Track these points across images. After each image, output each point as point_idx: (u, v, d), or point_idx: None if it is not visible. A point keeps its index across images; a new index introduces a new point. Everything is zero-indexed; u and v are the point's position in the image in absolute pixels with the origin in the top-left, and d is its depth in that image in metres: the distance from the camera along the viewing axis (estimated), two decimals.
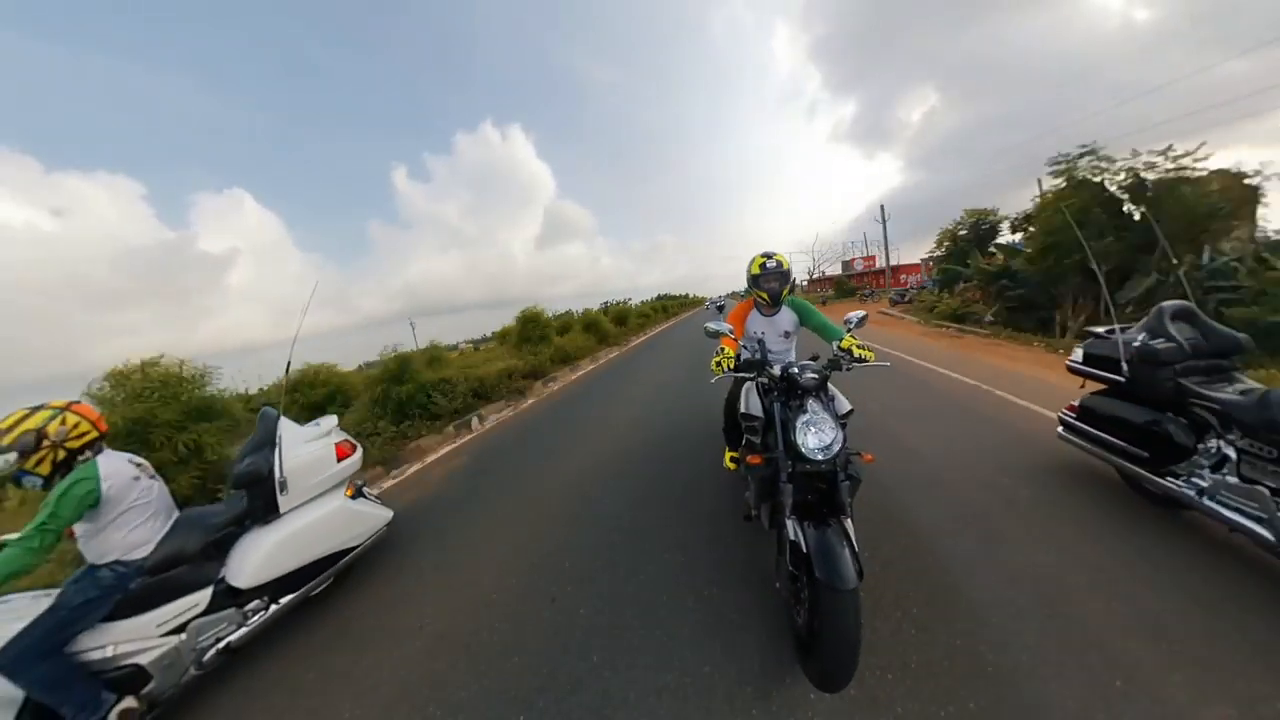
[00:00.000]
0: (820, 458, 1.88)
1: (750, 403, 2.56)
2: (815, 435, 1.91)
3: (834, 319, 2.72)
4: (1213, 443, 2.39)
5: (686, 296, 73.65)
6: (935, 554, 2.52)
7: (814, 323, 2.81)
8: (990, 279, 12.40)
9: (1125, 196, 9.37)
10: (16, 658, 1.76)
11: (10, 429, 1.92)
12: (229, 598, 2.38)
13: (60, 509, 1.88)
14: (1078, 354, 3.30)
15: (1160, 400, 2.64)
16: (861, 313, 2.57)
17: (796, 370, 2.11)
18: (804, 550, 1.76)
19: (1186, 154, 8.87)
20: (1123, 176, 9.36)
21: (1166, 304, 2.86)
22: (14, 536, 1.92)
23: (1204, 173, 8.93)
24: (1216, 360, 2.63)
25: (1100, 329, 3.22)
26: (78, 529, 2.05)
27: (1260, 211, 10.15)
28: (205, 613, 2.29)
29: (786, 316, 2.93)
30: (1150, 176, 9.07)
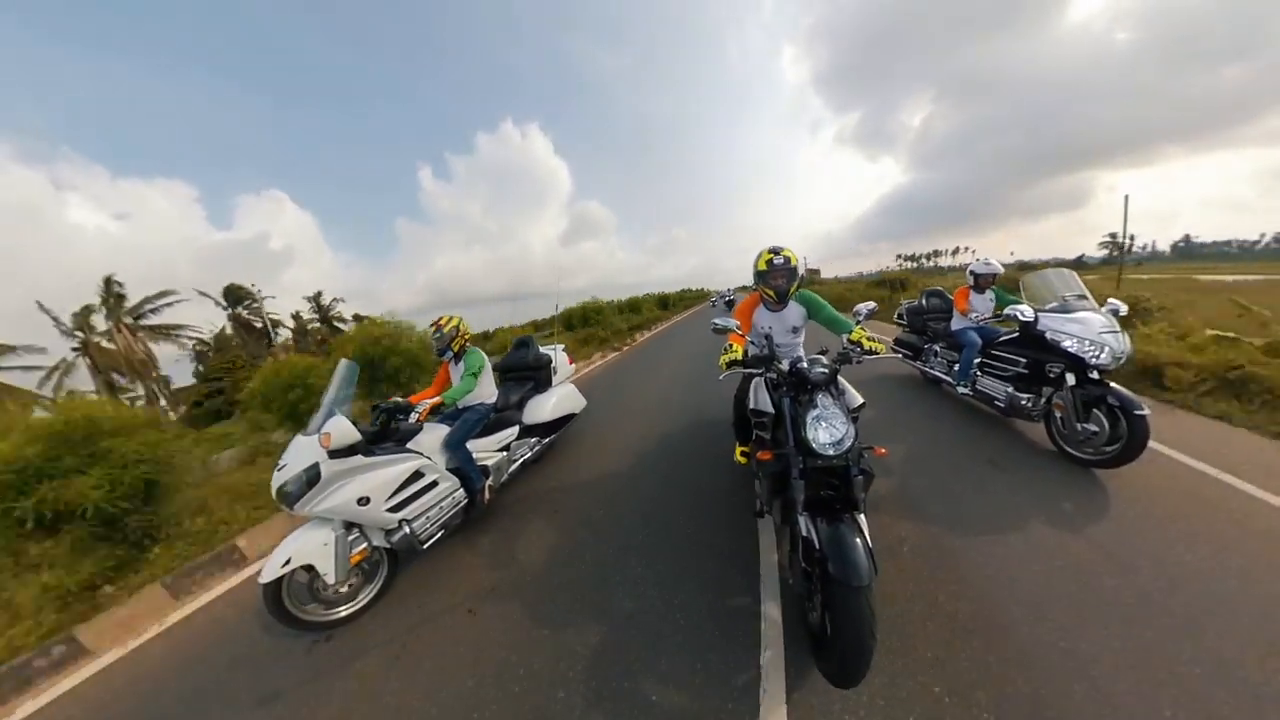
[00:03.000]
0: (831, 453, 1.84)
1: (759, 398, 2.53)
2: (826, 430, 1.87)
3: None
4: (933, 346, 5.24)
5: (702, 290, 76.34)
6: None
7: (823, 316, 2.73)
8: None
9: None
10: (454, 441, 3.22)
11: (447, 323, 3.50)
12: (525, 434, 4.01)
13: (477, 369, 3.44)
14: (896, 313, 6.26)
15: (918, 330, 5.61)
16: (871, 304, 2.51)
17: (805, 365, 2.07)
18: (816, 547, 1.73)
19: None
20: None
21: (926, 289, 6.00)
22: (402, 400, 3.04)
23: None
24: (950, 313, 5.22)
25: (903, 301, 6.49)
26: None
27: None
28: (516, 439, 3.85)
29: (794, 311, 2.85)
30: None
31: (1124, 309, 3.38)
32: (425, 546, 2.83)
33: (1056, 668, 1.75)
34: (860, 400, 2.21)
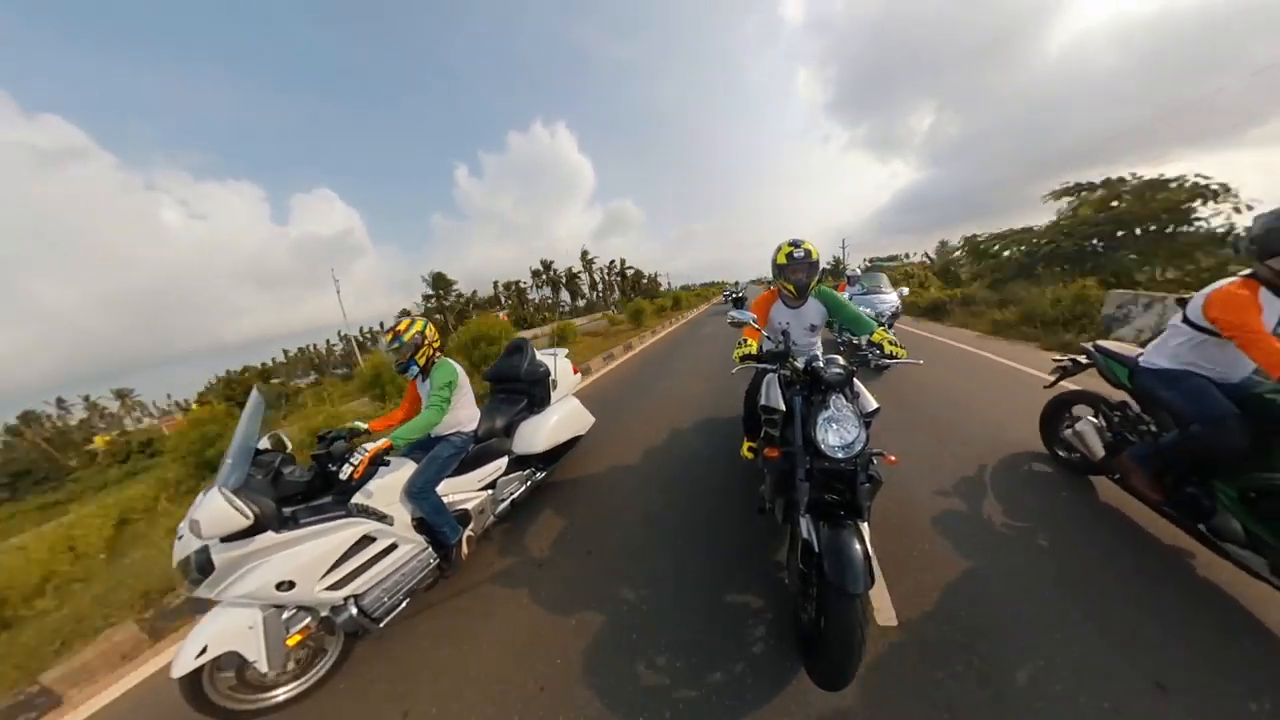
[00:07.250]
0: (840, 456, 1.79)
1: (771, 395, 2.46)
2: (837, 433, 1.82)
3: None
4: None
5: (723, 283, 79.06)
6: None
7: (844, 315, 2.63)
8: None
9: None
10: (419, 489, 2.50)
11: (407, 329, 2.61)
12: (516, 465, 3.29)
13: (446, 388, 2.58)
14: None
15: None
16: (897, 305, 2.44)
17: (821, 364, 2.01)
18: (815, 549, 1.70)
19: None
20: None
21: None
22: (361, 425, 2.63)
23: None
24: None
25: None
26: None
27: None
28: (504, 474, 3.15)
29: (814, 308, 2.74)
30: None
31: (906, 291, 7.88)
32: (382, 625, 2.27)
33: None
34: (875, 405, 2.12)
